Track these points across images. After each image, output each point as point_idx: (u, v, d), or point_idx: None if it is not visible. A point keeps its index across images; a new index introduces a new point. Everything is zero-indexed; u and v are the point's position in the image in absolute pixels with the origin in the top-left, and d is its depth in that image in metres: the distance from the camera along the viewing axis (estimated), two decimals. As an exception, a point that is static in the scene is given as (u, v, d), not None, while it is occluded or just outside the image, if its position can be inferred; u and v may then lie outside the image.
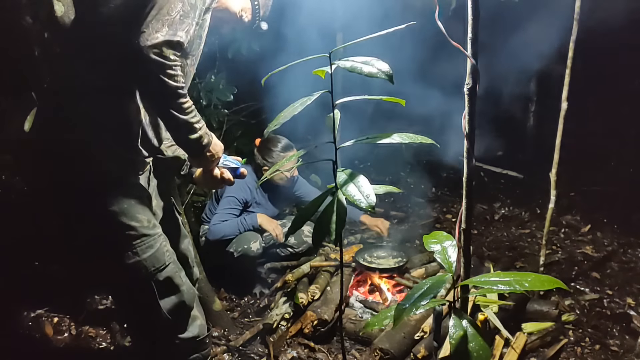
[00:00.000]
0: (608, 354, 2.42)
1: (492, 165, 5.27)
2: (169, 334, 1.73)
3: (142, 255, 1.57)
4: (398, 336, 2.26)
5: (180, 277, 1.71)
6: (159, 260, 1.62)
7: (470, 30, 1.09)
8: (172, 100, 1.43)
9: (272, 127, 1.22)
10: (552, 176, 2.82)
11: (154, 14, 1.38)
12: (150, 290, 1.61)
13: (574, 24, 2.58)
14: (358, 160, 5.06)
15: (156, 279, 1.62)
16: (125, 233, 1.54)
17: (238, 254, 2.93)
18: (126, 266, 1.56)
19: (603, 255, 3.54)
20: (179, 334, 1.74)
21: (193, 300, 1.78)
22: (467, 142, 1.15)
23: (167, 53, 1.39)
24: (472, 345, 0.98)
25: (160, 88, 1.40)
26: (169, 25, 1.39)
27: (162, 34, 1.37)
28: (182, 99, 1.44)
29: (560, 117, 2.71)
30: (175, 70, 1.41)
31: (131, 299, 1.68)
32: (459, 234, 1.21)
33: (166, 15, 1.39)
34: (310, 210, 1.17)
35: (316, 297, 2.60)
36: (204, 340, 1.84)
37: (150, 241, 1.60)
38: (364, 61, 1.11)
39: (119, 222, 1.53)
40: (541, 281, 1.00)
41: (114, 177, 1.54)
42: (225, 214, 2.96)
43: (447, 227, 4.17)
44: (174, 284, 1.67)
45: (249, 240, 2.94)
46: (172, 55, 1.40)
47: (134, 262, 1.56)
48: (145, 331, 1.76)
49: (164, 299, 1.65)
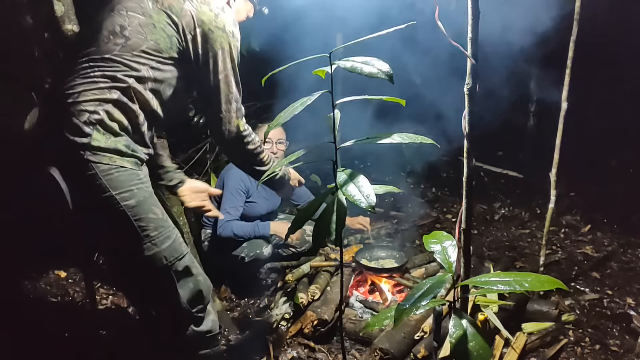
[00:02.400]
0: (608, 354, 2.42)
1: (492, 165, 5.27)
2: (185, 325, 1.76)
3: (161, 246, 1.62)
4: (398, 336, 2.26)
5: (197, 267, 1.76)
6: (177, 250, 1.67)
7: (470, 30, 1.09)
8: (255, 159, 1.85)
9: (272, 127, 1.22)
10: (552, 176, 2.82)
11: (224, 99, 1.69)
12: (170, 279, 1.66)
13: (574, 24, 2.59)
14: (358, 160, 5.07)
15: (175, 269, 1.66)
16: (143, 225, 1.58)
17: (249, 259, 2.98)
18: (146, 258, 1.60)
19: (603, 255, 3.54)
20: (196, 326, 1.78)
21: (209, 291, 1.81)
22: (467, 142, 1.15)
23: (242, 125, 1.75)
24: (472, 345, 0.98)
25: (245, 156, 1.84)
26: (236, 100, 1.72)
27: (234, 112, 1.72)
28: (260, 155, 1.86)
29: (560, 117, 2.71)
30: (251, 135, 1.81)
31: (152, 289, 1.72)
32: (459, 234, 1.21)
33: (231, 94, 1.70)
34: (311, 210, 1.17)
35: (316, 297, 2.60)
36: (216, 336, 1.88)
37: (166, 232, 1.65)
38: (364, 61, 1.11)
39: (137, 215, 1.57)
40: (541, 281, 1.00)
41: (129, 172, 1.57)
42: (232, 207, 2.96)
43: (447, 227, 4.17)
44: (191, 273, 1.73)
45: (261, 246, 3.01)
46: (244, 125, 1.76)
47: (153, 253, 1.61)
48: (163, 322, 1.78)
49: (183, 288, 1.70)
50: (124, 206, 1.53)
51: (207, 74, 1.66)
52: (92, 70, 1.52)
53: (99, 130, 1.50)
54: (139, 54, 1.56)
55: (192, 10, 1.60)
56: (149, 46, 1.57)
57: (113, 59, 1.54)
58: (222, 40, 1.63)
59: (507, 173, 5.20)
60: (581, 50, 2.63)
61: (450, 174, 5.43)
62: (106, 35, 1.55)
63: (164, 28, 1.59)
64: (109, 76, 1.53)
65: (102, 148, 1.50)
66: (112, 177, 1.52)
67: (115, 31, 1.55)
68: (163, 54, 1.60)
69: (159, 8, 1.59)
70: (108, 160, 1.51)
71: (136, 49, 1.56)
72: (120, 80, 1.54)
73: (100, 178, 1.50)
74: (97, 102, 1.51)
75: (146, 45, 1.57)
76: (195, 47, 1.63)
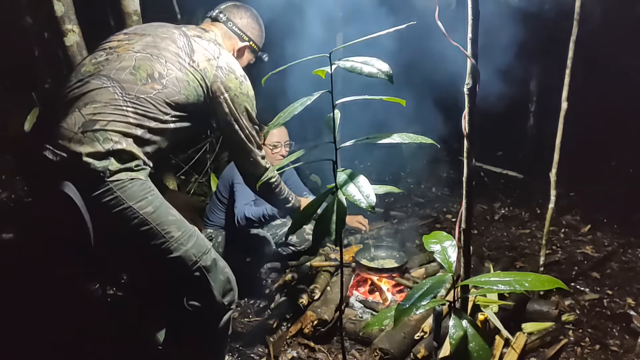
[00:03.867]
0: (608, 354, 2.42)
1: (492, 165, 5.27)
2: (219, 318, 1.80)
3: (187, 245, 1.67)
4: (398, 336, 2.26)
5: (221, 259, 1.82)
6: (202, 245, 1.73)
7: (470, 30, 1.10)
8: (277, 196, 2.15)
9: (272, 127, 1.23)
10: (552, 176, 2.82)
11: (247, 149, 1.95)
12: (202, 274, 1.71)
13: (574, 24, 2.59)
14: (358, 160, 5.07)
15: (204, 264, 1.71)
16: (166, 229, 1.62)
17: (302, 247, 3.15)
18: (176, 259, 1.64)
19: (603, 255, 3.54)
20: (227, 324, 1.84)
21: (235, 282, 1.86)
22: (467, 142, 1.15)
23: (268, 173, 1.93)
24: (472, 345, 0.98)
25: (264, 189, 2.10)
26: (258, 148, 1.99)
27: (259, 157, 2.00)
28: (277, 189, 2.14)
29: (560, 117, 2.71)
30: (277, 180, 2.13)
31: (186, 288, 1.74)
32: (459, 234, 1.21)
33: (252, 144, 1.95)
34: (310, 210, 1.17)
35: (316, 297, 2.60)
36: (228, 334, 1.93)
37: (189, 230, 1.70)
38: (364, 61, 1.11)
39: (157, 220, 1.61)
40: (541, 281, 1.00)
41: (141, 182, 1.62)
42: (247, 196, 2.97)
43: (447, 227, 4.17)
44: (218, 264, 1.78)
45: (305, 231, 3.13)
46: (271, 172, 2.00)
47: (182, 252, 1.65)
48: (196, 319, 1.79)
49: (215, 281, 1.75)
50: (143, 214, 1.58)
51: (231, 134, 1.91)
52: (124, 104, 1.61)
53: (116, 157, 1.56)
54: (169, 103, 1.70)
55: (221, 77, 1.81)
56: (179, 99, 1.73)
57: (148, 101, 1.65)
58: (246, 103, 1.89)
59: (507, 173, 5.21)
60: (581, 50, 2.63)
61: (450, 174, 5.44)
62: (144, 77, 1.66)
63: (195, 88, 1.77)
64: (141, 114, 1.63)
65: (120, 169, 1.57)
66: (126, 188, 1.56)
67: (154, 76, 1.68)
68: (188, 109, 1.77)
69: (195, 68, 1.76)
70: (124, 176, 1.57)
71: (168, 99, 1.69)
72: (148, 120, 1.65)
73: (115, 192, 1.54)
74: (122, 134, 1.58)
75: (178, 97, 1.72)
76: (220, 109, 1.85)
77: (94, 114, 1.56)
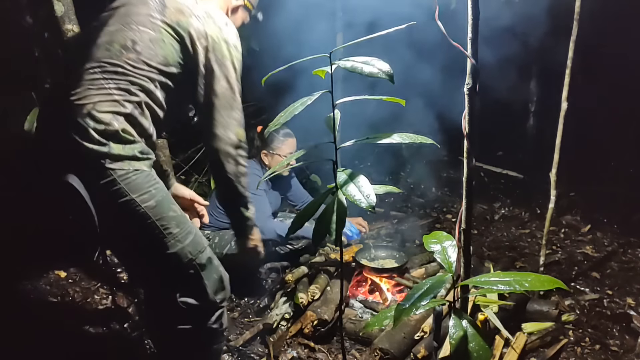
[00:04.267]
0: (608, 354, 2.42)
1: (492, 165, 5.27)
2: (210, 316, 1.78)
3: (184, 242, 1.65)
4: (398, 336, 2.26)
5: (216, 258, 1.79)
6: (199, 243, 1.71)
7: (470, 30, 1.09)
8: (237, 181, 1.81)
9: (272, 127, 1.23)
10: (552, 176, 2.82)
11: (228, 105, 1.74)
12: (197, 272, 1.69)
13: (574, 24, 2.58)
14: (358, 160, 5.07)
15: (199, 262, 1.69)
16: (165, 224, 1.61)
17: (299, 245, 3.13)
18: (171, 255, 1.63)
19: (603, 255, 3.54)
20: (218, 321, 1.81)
21: (228, 280, 1.84)
22: (467, 142, 1.15)
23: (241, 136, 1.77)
24: (472, 345, 0.98)
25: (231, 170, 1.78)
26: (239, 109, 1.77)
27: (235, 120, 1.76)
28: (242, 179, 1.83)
29: (560, 117, 2.71)
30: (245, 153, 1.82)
31: (179, 284, 1.72)
32: (459, 234, 1.21)
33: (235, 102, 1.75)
34: (310, 210, 1.17)
35: (316, 297, 2.60)
36: (224, 331, 1.89)
37: (187, 227, 1.68)
38: (364, 61, 1.11)
39: (158, 214, 1.59)
40: (541, 281, 1.00)
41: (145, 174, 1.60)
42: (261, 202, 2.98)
43: (447, 227, 4.17)
44: (214, 264, 1.76)
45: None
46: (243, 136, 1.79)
47: (178, 249, 1.63)
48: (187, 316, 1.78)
49: (209, 279, 1.73)
50: (145, 207, 1.57)
51: (213, 82, 1.72)
52: (106, 82, 1.56)
53: (114, 141, 1.54)
54: (150, 69, 1.63)
55: (198, 25, 1.67)
56: (159, 61, 1.64)
57: (126, 73, 1.59)
58: (227, 52, 1.72)
59: (507, 173, 5.21)
60: (581, 50, 2.63)
61: (450, 174, 5.44)
62: (118, 49, 1.60)
63: (172, 43, 1.66)
64: (123, 89, 1.58)
65: (122, 156, 1.54)
66: (130, 180, 1.55)
67: (127, 45, 1.61)
68: (170, 68, 1.67)
69: (167, 24, 1.65)
70: (127, 166, 1.55)
71: (147, 64, 1.62)
72: (133, 94, 1.59)
73: (119, 183, 1.53)
74: (112, 114, 1.55)
75: (156, 60, 1.63)
76: (201, 59, 1.69)
77: (80, 99, 1.53)
